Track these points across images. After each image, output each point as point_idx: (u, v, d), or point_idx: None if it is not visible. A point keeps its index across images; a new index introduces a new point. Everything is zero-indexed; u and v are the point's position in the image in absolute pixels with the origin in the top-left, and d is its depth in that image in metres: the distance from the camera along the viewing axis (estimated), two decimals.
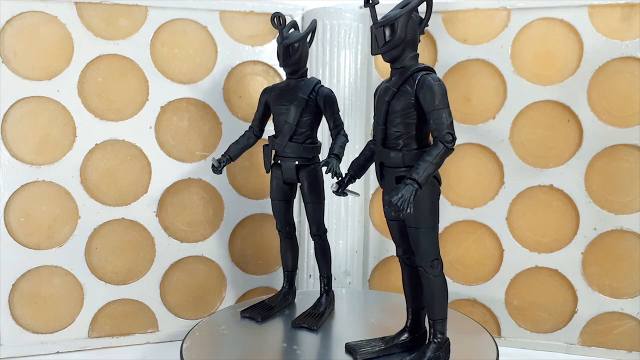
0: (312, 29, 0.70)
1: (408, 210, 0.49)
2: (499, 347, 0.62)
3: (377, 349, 0.60)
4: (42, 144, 0.79)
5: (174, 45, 0.84)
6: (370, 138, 0.83)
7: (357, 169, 0.62)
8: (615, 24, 0.77)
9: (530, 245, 0.82)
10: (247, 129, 0.73)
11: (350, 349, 0.60)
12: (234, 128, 0.86)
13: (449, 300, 0.84)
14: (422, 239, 0.55)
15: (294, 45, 0.66)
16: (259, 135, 0.73)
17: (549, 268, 0.81)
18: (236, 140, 0.73)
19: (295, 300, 0.76)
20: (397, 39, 0.54)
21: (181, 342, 0.64)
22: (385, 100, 0.56)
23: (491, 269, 0.84)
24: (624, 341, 0.79)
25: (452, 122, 0.53)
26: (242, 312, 0.71)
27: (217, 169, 0.69)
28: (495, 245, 0.84)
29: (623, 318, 0.79)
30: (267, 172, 0.71)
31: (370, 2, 0.55)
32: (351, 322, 0.70)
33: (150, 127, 0.83)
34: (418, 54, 0.57)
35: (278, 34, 0.67)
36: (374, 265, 0.90)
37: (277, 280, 0.90)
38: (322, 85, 0.69)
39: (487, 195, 0.84)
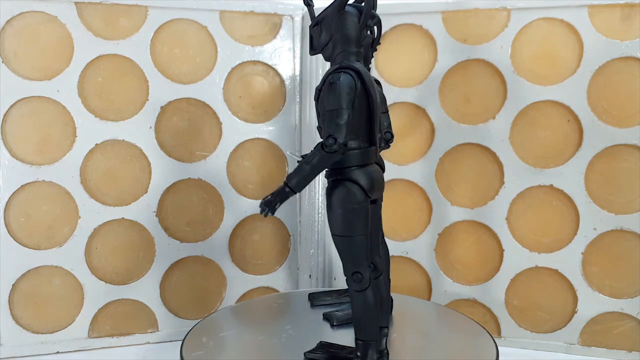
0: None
1: (270, 212, 0.49)
2: (499, 347, 0.62)
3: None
4: (42, 144, 0.79)
5: (174, 45, 0.84)
6: None
7: None
8: (615, 24, 0.77)
9: (530, 245, 0.82)
10: None
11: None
12: (234, 128, 0.86)
13: (448, 301, 0.85)
14: (338, 247, 0.51)
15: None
16: None
17: (549, 268, 0.81)
18: None
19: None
20: (324, 37, 0.51)
21: (181, 342, 0.64)
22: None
23: (491, 269, 0.84)
24: (624, 341, 0.79)
25: (342, 125, 0.47)
26: (310, 295, 0.78)
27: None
28: (495, 245, 0.84)
29: (623, 318, 0.79)
30: None
31: (307, 2, 0.54)
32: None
33: (150, 127, 0.83)
34: (356, 51, 0.52)
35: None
36: None
37: (277, 280, 0.90)
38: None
39: (487, 195, 0.84)
